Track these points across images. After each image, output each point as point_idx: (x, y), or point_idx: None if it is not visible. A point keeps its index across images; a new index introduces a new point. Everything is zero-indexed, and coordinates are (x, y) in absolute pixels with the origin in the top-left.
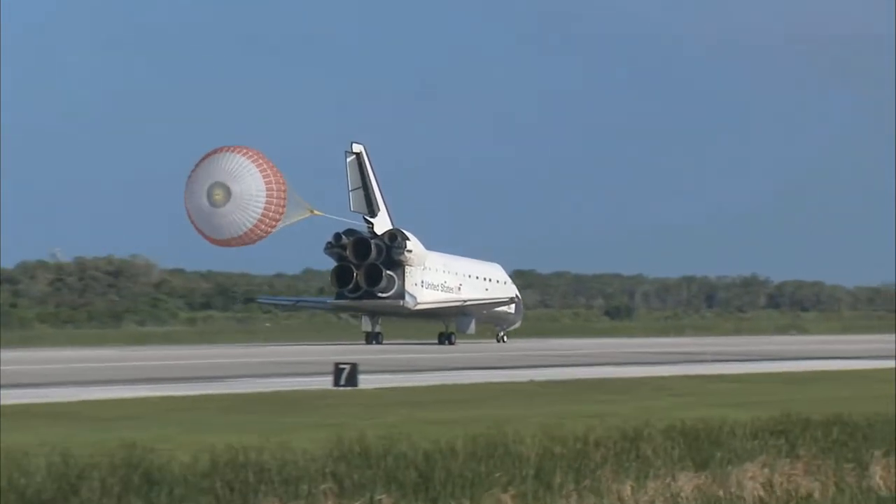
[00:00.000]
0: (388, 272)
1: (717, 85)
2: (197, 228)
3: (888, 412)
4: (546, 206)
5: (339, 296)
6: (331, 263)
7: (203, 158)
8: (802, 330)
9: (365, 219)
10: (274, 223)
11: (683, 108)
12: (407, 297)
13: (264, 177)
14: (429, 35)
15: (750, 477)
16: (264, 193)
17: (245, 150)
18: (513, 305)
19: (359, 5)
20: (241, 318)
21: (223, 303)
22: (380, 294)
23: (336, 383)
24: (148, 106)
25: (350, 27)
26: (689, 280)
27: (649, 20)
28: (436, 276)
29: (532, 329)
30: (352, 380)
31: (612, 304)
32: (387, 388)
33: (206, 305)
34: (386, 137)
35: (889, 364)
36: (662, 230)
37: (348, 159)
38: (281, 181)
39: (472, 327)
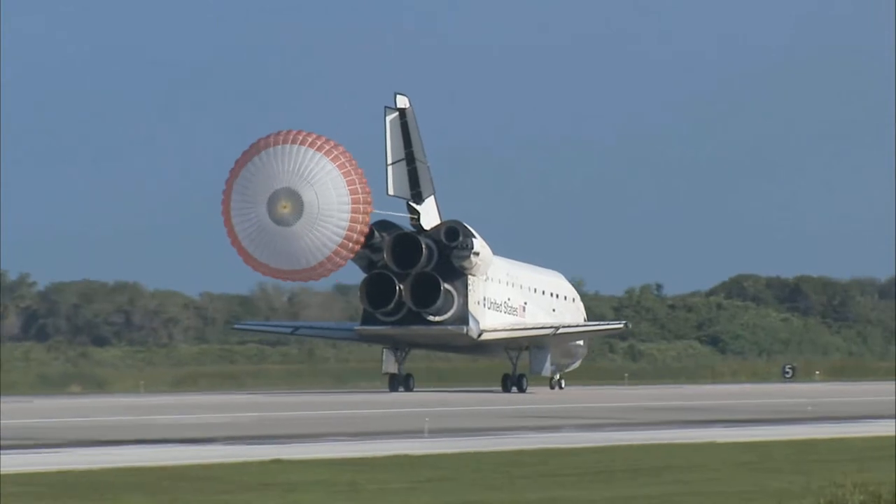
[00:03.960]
0: (446, 285)
1: None
2: (245, 253)
3: None
4: None
5: (369, 319)
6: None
7: (253, 151)
8: None
9: (409, 206)
10: (357, 247)
11: None
12: (471, 322)
13: (348, 180)
14: None
15: None
16: (348, 204)
17: (317, 141)
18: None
19: None
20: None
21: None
22: (432, 317)
23: None
24: None
25: None
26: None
27: None
28: (498, 291)
29: None
30: None
31: None
32: None
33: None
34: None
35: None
36: None
37: (388, 118)
38: (365, 185)
39: (548, 366)
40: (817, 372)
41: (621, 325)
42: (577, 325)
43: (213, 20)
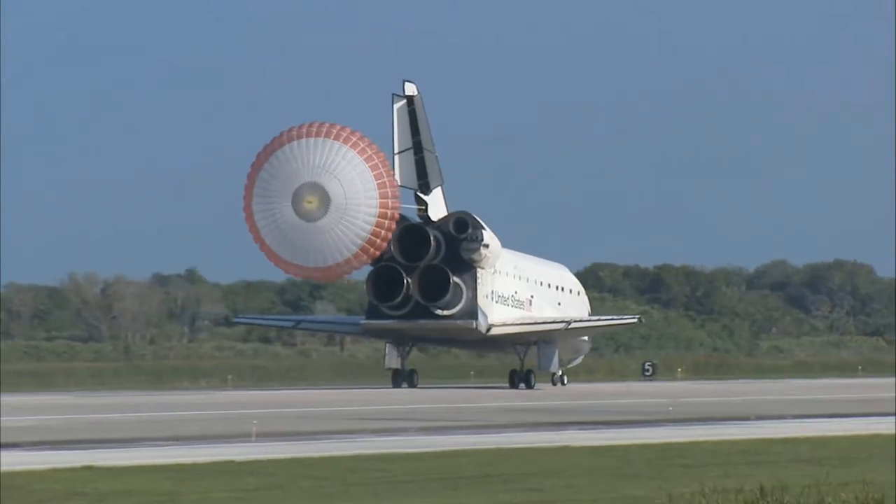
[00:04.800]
0: (455, 278)
1: None
2: (271, 253)
3: None
4: None
5: (374, 313)
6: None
7: (274, 145)
8: None
9: (417, 197)
10: (386, 240)
11: None
12: (479, 317)
13: (373, 171)
14: None
15: None
16: (376, 196)
17: (339, 131)
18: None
19: None
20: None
21: None
22: (440, 311)
23: None
24: None
25: None
26: None
27: None
28: (506, 285)
29: None
30: None
31: None
32: None
33: None
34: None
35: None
36: None
37: (396, 106)
38: (392, 175)
39: (556, 362)
40: (679, 369)
41: (634, 320)
42: (588, 320)
43: (213, 15)
